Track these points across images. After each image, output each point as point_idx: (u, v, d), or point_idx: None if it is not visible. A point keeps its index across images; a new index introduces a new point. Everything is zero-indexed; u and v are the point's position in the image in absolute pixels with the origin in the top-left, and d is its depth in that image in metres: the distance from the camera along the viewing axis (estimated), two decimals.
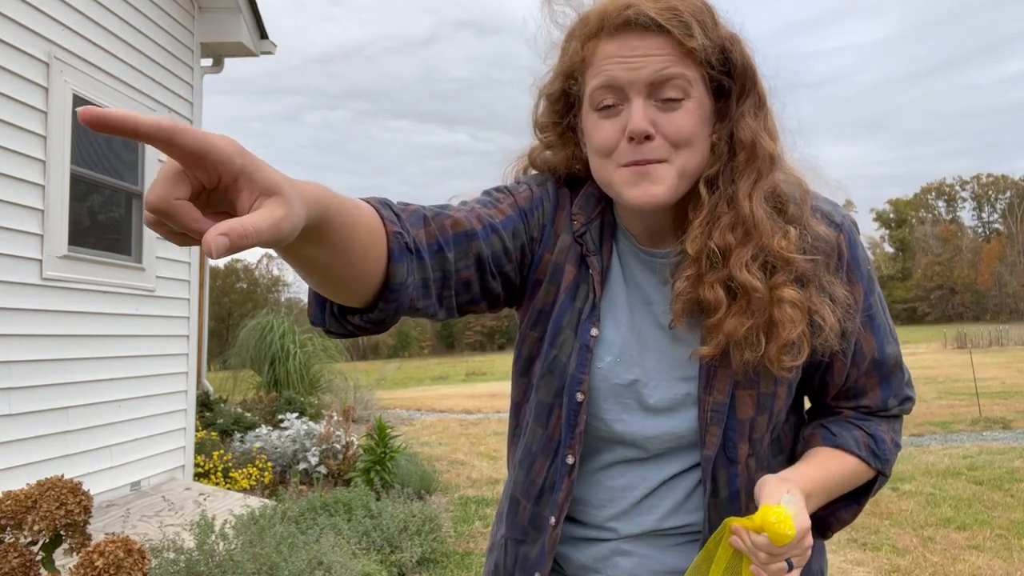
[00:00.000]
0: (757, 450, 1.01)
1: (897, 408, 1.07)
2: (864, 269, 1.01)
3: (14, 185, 4.51)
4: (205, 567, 3.25)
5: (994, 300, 70.05)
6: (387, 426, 6.35)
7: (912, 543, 4.86)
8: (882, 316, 1.04)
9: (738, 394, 0.98)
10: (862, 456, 1.03)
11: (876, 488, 1.07)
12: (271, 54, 7.12)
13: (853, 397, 1.06)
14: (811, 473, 0.99)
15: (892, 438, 1.06)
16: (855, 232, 1.02)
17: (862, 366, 1.03)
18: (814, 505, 0.98)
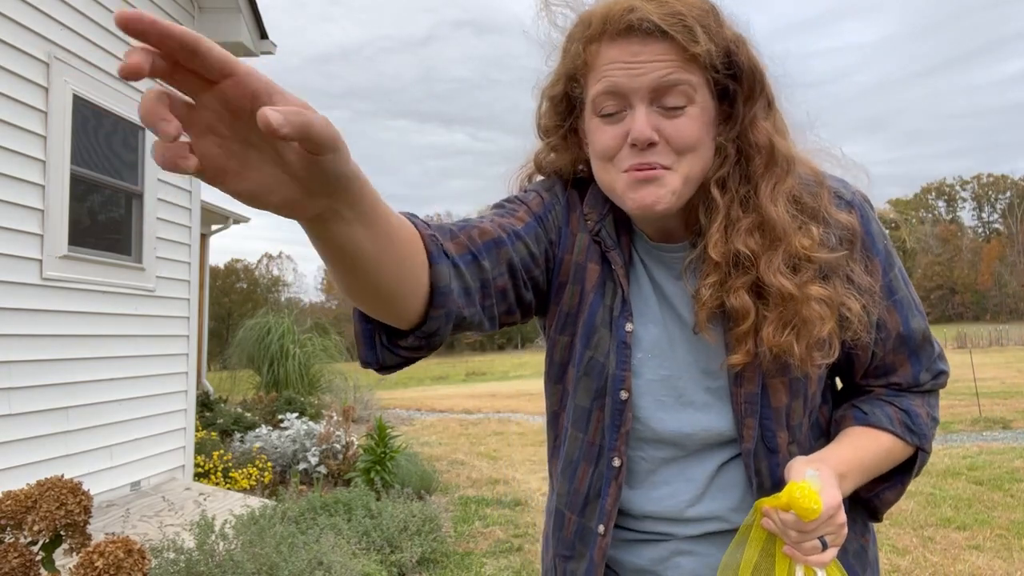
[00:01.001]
0: (797, 437, 1.01)
1: (931, 383, 1.06)
2: (880, 244, 1.00)
3: (14, 185, 4.51)
4: (205, 567, 3.25)
5: (994, 300, 70.05)
6: (387, 426, 6.35)
7: (912, 543, 4.85)
8: (904, 290, 1.02)
9: (769, 383, 0.98)
10: (897, 432, 1.01)
11: (919, 465, 1.05)
12: (271, 54, 7.12)
13: (883, 374, 1.05)
14: (843, 453, 0.98)
15: (928, 412, 1.04)
16: (868, 207, 1.01)
17: (888, 342, 1.02)
18: (851, 485, 0.97)
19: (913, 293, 1.04)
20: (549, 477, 1.15)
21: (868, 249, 0.99)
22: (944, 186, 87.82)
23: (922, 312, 1.04)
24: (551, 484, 1.14)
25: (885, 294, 1.00)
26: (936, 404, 1.07)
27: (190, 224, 6.50)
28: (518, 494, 6.54)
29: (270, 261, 75.13)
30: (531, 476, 7.39)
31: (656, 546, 1.04)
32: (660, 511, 1.03)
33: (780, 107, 0.99)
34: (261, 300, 52.53)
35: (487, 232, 0.92)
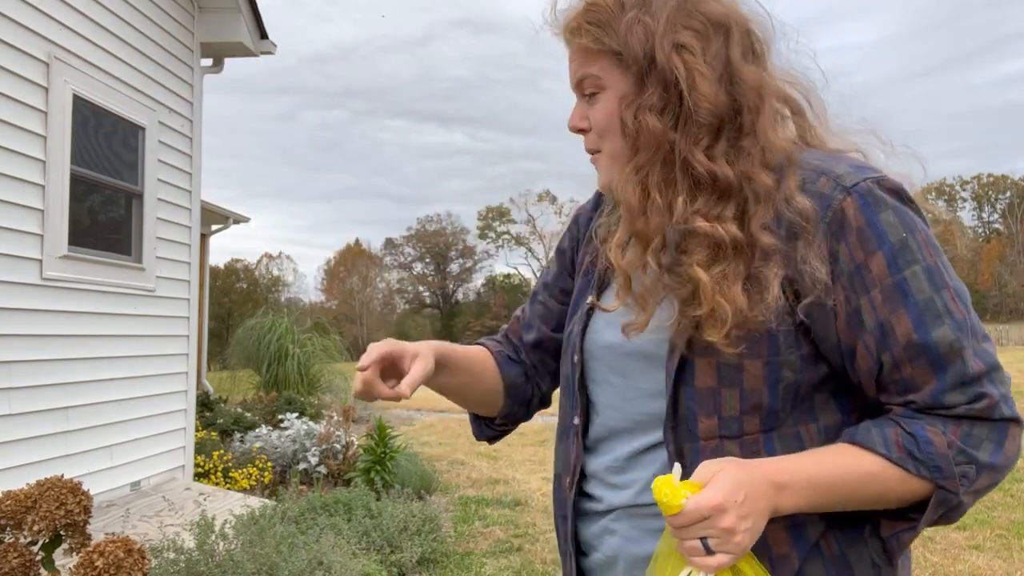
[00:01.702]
0: (735, 433, 0.93)
1: (964, 407, 0.87)
2: (893, 237, 0.89)
3: (14, 185, 4.51)
4: (205, 567, 3.25)
5: (994, 300, 70.05)
6: (387, 426, 6.36)
7: (912, 543, 4.86)
8: (929, 294, 0.88)
9: (697, 361, 0.94)
10: (890, 456, 0.87)
11: (939, 508, 0.88)
12: (271, 54, 7.12)
13: (902, 392, 0.90)
14: (793, 464, 0.88)
15: (951, 442, 0.86)
16: (877, 197, 0.91)
17: (896, 351, 0.88)
18: (797, 501, 0.87)
19: (949, 301, 0.88)
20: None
21: (865, 240, 0.89)
22: (944, 186, 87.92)
23: (960, 324, 0.88)
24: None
25: (892, 294, 0.88)
26: (983, 438, 0.87)
27: (190, 224, 6.50)
28: (518, 494, 6.54)
29: (270, 261, 75.14)
30: (531, 476, 7.39)
31: (596, 522, 1.07)
32: (601, 477, 1.07)
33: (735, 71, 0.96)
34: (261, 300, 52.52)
35: (516, 322, 1.31)
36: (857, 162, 0.97)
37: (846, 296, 0.90)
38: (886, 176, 0.94)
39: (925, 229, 0.92)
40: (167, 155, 6.12)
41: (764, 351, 0.91)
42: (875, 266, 0.89)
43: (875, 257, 0.89)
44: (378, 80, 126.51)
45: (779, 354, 0.91)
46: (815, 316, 0.91)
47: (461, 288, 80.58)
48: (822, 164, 0.95)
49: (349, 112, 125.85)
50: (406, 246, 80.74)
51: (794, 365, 0.92)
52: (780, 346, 0.91)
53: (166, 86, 6.12)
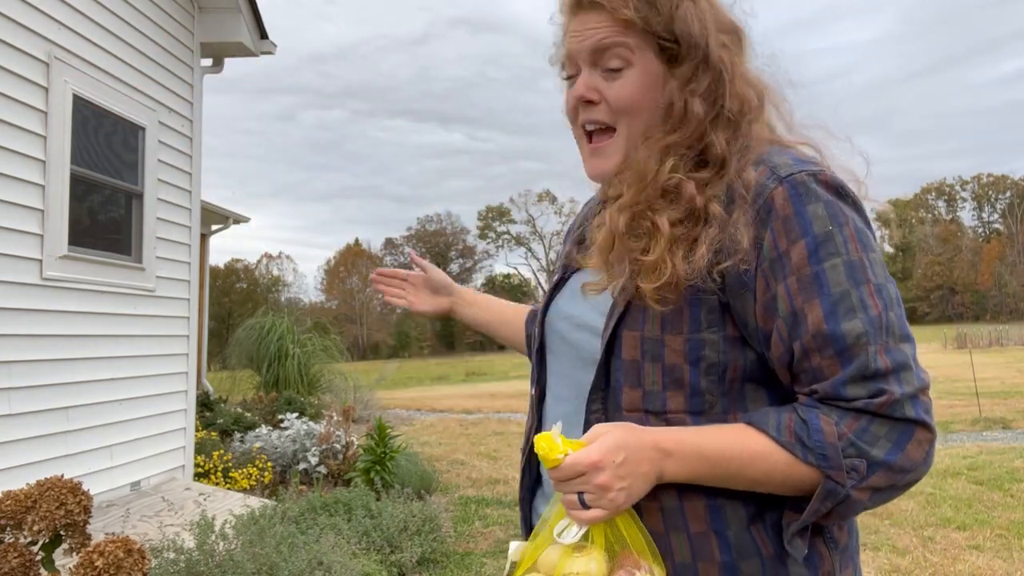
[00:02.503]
0: (658, 408, 0.94)
1: (864, 401, 0.86)
2: (818, 228, 0.90)
3: (14, 185, 4.51)
4: (205, 567, 3.25)
5: (994, 300, 70.02)
6: (387, 426, 6.36)
7: (912, 543, 4.86)
8: (846, 287, 0.88)
9: (624, 333, 0.97)
10: (779, 439, 0.88)
11: (825, 498, 0.87)
12: (271, 54, 7.12)
13: (810, 381, 0.90)
14: (683, 435, 0.90)
15: (842, 434, 0.86)
16: (810, 189, 0.92)
17: (805, 339, 0.88)
18: (684, 470, 0.89)
19: (867, 296, 0.88)
20: None
21: (791, 229, 0.90)
22: (944, 186, 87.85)
23: (873, 318, 0.87)
24: None
25: (808, 283, 0.89)
26: (880, 436, 0.86)
27: (190, 224, 6.50)
28: (518, 494, 6.54)
29: (270, 261, 75.13)
30: None
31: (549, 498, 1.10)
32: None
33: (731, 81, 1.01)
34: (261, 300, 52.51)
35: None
36: (802, 156, 0.99)
37: (765, 282, 0.91)
38: (824, 171, 0.95)
39: (858, 225, 0.92)
40: (167, 155, 6.12)
41: (684, 327, 0.93)
42: (795, 255, 0.90)
43: (796, 246, 0.90)
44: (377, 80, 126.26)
45: (699, 331, 0.93)
46: (734, 291, 0.92)
47: None
48: (766, 155, 0.97)
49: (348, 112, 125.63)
50: (406, 246, 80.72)
51: (716, 345, 0.93)
52: (701, 323, 0.93)
53: (166, 86, 6.12)
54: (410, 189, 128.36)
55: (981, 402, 10.85)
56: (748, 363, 0.95)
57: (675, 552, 0.94)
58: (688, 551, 0.94)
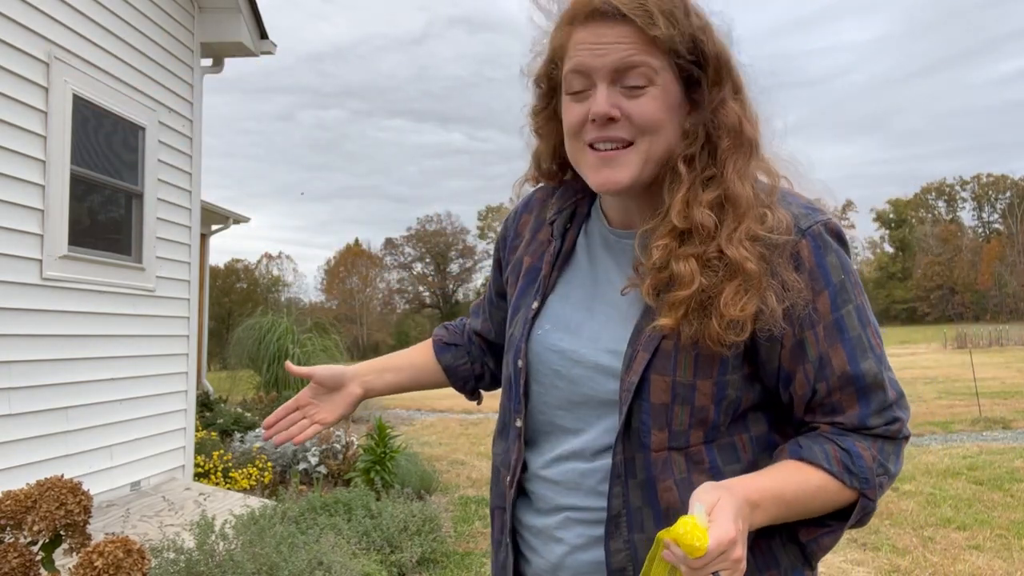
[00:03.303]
0: (682, 445, 0.98)
1: (882, 428, 0.99)
2: (835, 279, 0.98)
3: (14, 185, 4.51)
4: (205, 567, 3.25)
5: (994, 300, 70.02)
6: (387, 426, 6.35)
7: (912, 543, 4.86)
8: (859, 331, 0.98)
9: (652, 377, 0.98)
10: (832, 471, 0.96)
11: (859, 513, 0.98)
12: (271, 54, 7.12)
13: (829, 413, 1.00)
14: (762, 482, 0.94)
15: (874, 457, 0.98)
16: (826, 241, 0.98)
17: (831, 380, 0.98)
18: (766, 517, 0.93)
19: (871, 336, 0.99)
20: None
21: (815, 280, 0.97)
22: (944, 186, 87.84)
23: (879, 357, 0.99)
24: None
25: (832, 330, 0.97)
26: (892, 453, 0.99)
27: (190, 224, 6.50)
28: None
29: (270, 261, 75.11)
30: None
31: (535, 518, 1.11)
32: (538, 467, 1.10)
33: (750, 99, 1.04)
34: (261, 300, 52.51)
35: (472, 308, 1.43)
36: (807, 203, 1.03)
37: (793, 329, 0.97)
38: (831, 219, 1.01)
39: (854, 269, 1.01)
40: (167, 155, 6.12)
41: (715, 372, 0.98)
42: (821, 304, 0.97)
43: (821, 296, 0.97)
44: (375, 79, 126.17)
45: (726, 374, 0.98)
46: (761, 341, 0.97)
47: (461, 288, 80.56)
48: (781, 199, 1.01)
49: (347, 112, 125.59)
50: (406, 246, 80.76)
51: (736, 384, 1.00)
52: (728, 367, 0.98)
53: (166, 86, 6.12)
54: (409, 189, 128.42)
55: (981, 402, 10.85)
56: (756, 395, 1.03)
57: None
58: None
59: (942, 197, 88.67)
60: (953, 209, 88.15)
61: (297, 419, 1.30)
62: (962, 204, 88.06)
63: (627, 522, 0.99)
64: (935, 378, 15.82)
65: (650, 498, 0.99)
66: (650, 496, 0.99)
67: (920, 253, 79.71)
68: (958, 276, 74.98)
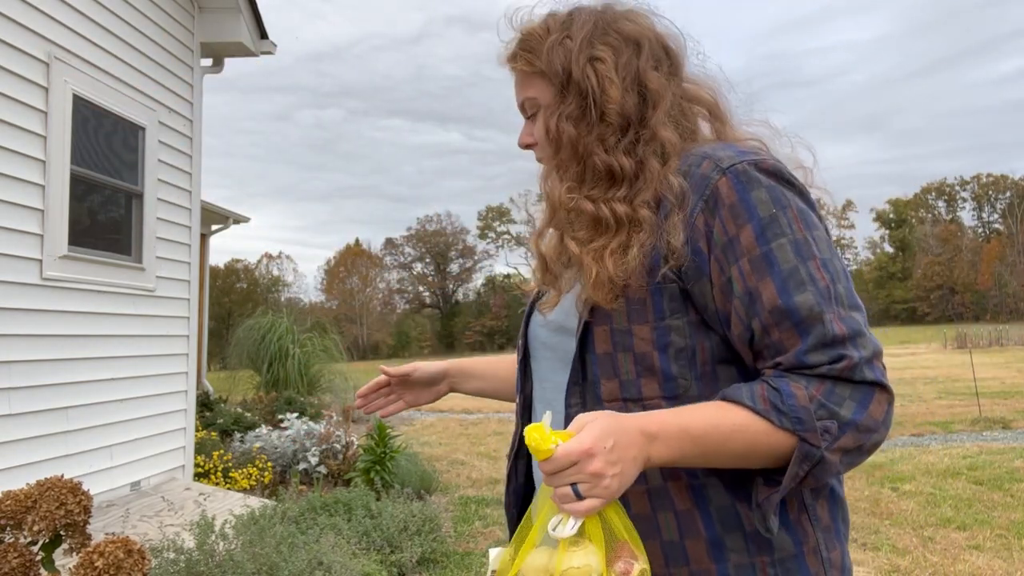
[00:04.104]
0: (634, 395, 1.00)
1: (826, 367, 0.91)
2: (763, 212, 0.96)
3: (14, 185, 4.51)
4: (205, 567, 3.25)
5: (994, 300, 70.01)
6: (387, 426, 6.36)
7: (912, 543, 4.86)
8: (794, 263, 0.94)
9: (595, 330, 1.03)
10: (755, 408, 0.91)
11: (802, 462, 0.90)
12: (271, 54, 7.12)
13: (772, 356, 0.95)
14: (661, 416, 0.92)
15: (812, 396, 0.90)
16: (752, 176, 0.98)
17: (763, 315, 0.94)
18: (670, 452, 0.90)
19: (813, 270, 0.94)
20: None
21: (737, 215, 0.96)
22: (944, 186, 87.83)
23: (823, 292, 0.93)
24: None
25: (759, 263, 0.94)
26: (846, 397, 0.90)
27: (190, 224, 6.50)
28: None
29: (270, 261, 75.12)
30: None
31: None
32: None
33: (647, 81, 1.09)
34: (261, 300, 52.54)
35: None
36: (744, 148, 1.05)
37: (720, 267, 0.97)
38: (765, 159, 1.01)
39: (800, 206, 0.99)
40: (167, 155, 6.12)
41: (650, 316, 1.00)
42: (744, 238, 0.96)
43: (744, 230, 0.96)
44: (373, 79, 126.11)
45: (664, 319, 0.99)
46: (691, 278, 0.98)
47: (461, 288, 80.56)
48: (710, 151, 1.04)
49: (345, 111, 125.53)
50: (406, 246, 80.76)
51: (682, 330, 0.99)
52: (664, 311, 0.99)
53: (166, 86, 6.12)
54: (408, 189, 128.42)
55: (981, 402, 10.85)
56: (714, 345, 1.00)
57: (663, 531, 0.99)
58: (675, 529, 0.98)
59: (942, 197, 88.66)
60: (953, 209, 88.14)
61: (386, 394, 1.51)
62: (962, 204, 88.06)
63: None
64: (935, 378, 15.82)
65: None
66: None
67: (920, 253, 79.69)
68: (958, 276, 74.97)
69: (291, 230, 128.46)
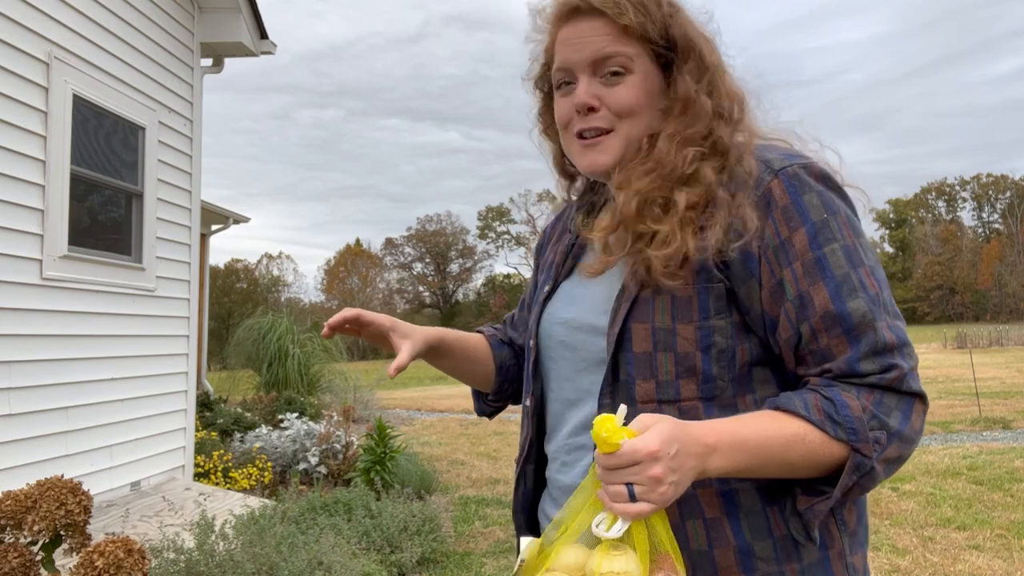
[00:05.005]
0: (671, 397, 0.97)
1: (876, 376, 0.91)
2: (815, 216, 0.95)
3: (14, 185, 4.51)
4: (205, 567, 3.25)
5: (994, 300, 70.01)
6: (387, 426, 6.35)
7: (912, 543, 4.86)
8: (847, 269, 0.94)
9: (633, 326, 0.99)
10: (810, 419, 0.89)
11: (854, 472, 0.90)
12: (271, 54, 7.12)
13: (819, 361, 0.94)
14: (719, 425, 0.89)
15: (865, 407, 0.89)
16: (803, 180, 0.98)
17: (814, 320, 0.93)
18: (727, 463, 0.88)
19: (864, 277, 0.94)
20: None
21: (790, 217, 0.96)
22: (944, 186, 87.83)
23: (873, 298, 0.93)
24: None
25: (812, 268, 0.94)
26: (893, 407, 0.90)
27: (190, 224, 6.50)
28: (512, 505, 6.53)
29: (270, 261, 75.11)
30: None
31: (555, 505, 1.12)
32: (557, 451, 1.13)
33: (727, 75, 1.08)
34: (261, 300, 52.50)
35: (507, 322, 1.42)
36: (789, 150, 1.04)
37: (770, 268, 0.96)
38: (813, 162, 1.01)
39: (847, 212, 0.99)
40: (167, 155, 6.12)
41: (695, 315, 0.97)
42: (798, 241, 0.95)
43: (798, 233, 0.95)
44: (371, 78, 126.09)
45: (709, 318, 0.97)
46: (739, 279, 0.96)
47: (461, 288, 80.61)
48: (756, 150, 1.03)
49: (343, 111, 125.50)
50: (406, 246, 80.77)
51: (725, 331, 0.97)
52: (709, 310, 0.97)
53: (166, 86, 6.12)
54: (407, 189, 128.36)
55: (981, 402, 10.86)
56: (752, 347, 0.99)
57: (691, 540, 0.96)
58: (704, 538, 0.96)
59: (942, 197, 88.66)
60: (953, 209, 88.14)
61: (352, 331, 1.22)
62: (962, 204, 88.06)
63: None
64: (935, 378, 15.81)
65: None
66: None
67: (920, 253, 79.68)
68: (958, 276, 74.95)
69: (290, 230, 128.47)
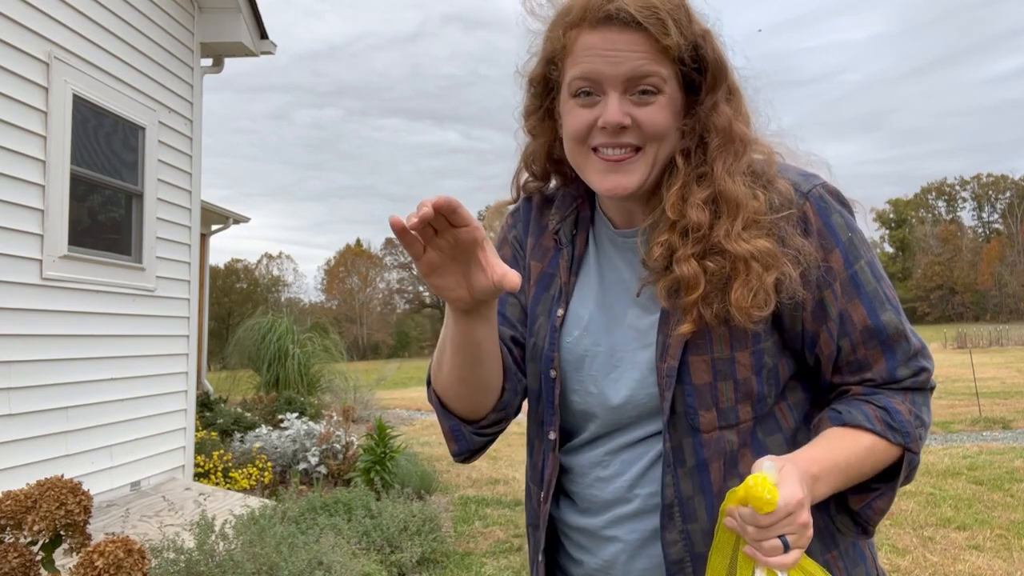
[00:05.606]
0: (731, 421, 0.99)
1: (910, 380, 1.01)
2: (843, 236, 1.00)
3: (14, 185, 4.51)
4: (205, 567, 3.25)
5: (994, 300, 70.03)
6: (387, 426, 6.36)
7: (912, 543, 4.86)
8: (874, 284, 1.00)
9: (691, 360, 0.99)
10: (876, 431, 0.97)
11: (907, 468, 0.99)
12: (271, 54, 7.12)
13: (857, 371, 1.01)
14: (815, 454, 0.94)
15: (910, 410, 0.99)
16: (828, 201, 1.01)
17: (854, 335, 0.99)
18: (828, 488, 0.93)
19: (886, 289, 1.02)
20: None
21: (825, 239, 0.99)
22: (944, 186, 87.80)
23: (897, 308, 1.01)
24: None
25: (848, 286, 1.00)
26: (923, 404, 1.01)
27: (190, 224, 6.50)
28: (518, 494, 6.54)
29: (270, 261, 75.17)
30: None
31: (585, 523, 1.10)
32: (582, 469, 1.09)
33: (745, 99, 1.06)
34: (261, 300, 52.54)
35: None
36: (801, 170, 1.06)
37: (811, 291, 0.99)
38: (827, 182, 1.04)
39: (858, 228, 1.03)
40: (167, 155, 6.12)
41: (750, 342, 0.99)
42: (834, 262, 0.99)
43: (833, 254, 0.99)
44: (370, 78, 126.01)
45: (760, 342, 1.00)
46: (785, 306, 0.99)
47: None
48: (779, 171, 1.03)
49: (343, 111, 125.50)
50: None
51: (771, 351, 1.01)
52: (761, 335, 1.00)
53: (166, 86, 6.12)
54: (406, 188, 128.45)
55: (981, 402, 10.86)
56: (789, 361, 1.04)
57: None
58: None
59: (942, 197, 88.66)
60: (953, 209, 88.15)
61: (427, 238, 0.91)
62: (962, 204, 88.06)
63: (680, 512, 0.99)
64: (935, 378, 15.79)
65: (702, 484, 0.99)
66: (702, 482, 0.99)
67: (920, 253, 79.70)
68: (958, 276, 74.96)
69: (289, 230, 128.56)
